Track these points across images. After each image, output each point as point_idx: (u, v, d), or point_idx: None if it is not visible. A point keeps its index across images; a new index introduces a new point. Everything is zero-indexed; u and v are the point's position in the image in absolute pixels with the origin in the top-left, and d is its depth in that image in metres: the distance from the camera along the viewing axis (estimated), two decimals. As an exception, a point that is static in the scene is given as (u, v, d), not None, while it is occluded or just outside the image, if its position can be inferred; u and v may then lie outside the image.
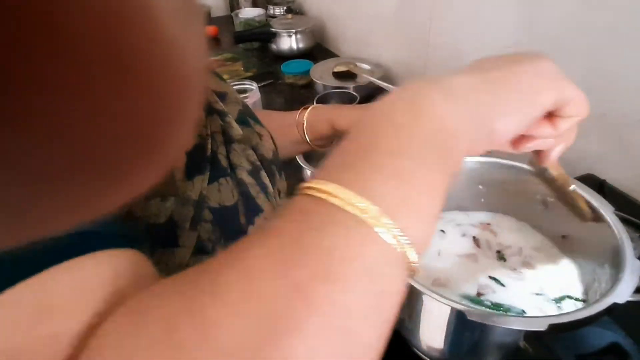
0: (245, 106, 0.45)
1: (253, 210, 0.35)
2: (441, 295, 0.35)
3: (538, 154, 0.33)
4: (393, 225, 0.19)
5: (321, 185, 0.20)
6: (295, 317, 0.16)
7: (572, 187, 0.40)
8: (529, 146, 0.29)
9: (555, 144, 0.31)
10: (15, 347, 0.17)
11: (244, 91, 0.92)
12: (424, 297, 0.37)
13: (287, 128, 0.60)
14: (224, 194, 0.33)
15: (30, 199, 0.09)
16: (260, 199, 0.36)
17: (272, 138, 0.46)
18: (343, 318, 0.17)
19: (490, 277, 0.46)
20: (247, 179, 0.36)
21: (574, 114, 0.28)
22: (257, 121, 0.45)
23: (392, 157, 0.21)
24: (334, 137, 0.60)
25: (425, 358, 0.45)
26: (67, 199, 0.09)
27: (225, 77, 1.18)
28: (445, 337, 0.38)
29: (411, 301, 0.39)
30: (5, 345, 0.17)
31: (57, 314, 0.18)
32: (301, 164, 0.74)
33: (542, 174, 0.39)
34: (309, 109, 0.60)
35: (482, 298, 0.43)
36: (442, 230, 0.53)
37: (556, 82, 0.26)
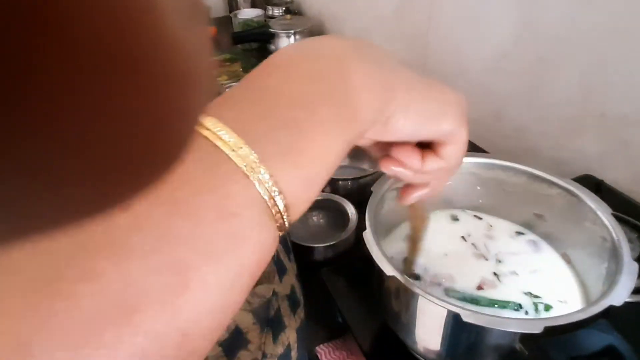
0: None
1: None
2: (437, 297, 0.35)
3: (402, 189, 0.32)
4: (261, 168, 0.17)
5: (207, 122, 0.18)
6: (118, 235, 0.14)
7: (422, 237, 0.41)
8: (394, 169, 0.28)
9: (411, 180, 0.29)
10: None
11: (242, 92, 0.92)
12: (420, 299, 0.36)
13: None
14: None
15: (33, 199, 0.09)
16: None
17: None
18: (177, 247, 0.15)
19: (494, 274, 0.46)
20: None
21: (447, 155, 0.27)
22: None
23: (285, 105, 0.19)
24: None
25: (424, 359, 0.45)
26: (73, 200, 0.09)
27: (224, 77, 1.18)
28: (442, 339, 0.38)
29: (407, 303, 0.39)
30: None
31: None
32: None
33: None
34: None
35: (482, 293, 0.44)
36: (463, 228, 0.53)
37: (463, 119, 0.27)
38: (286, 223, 0.19)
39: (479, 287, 0.44)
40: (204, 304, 0.16)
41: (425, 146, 0.28)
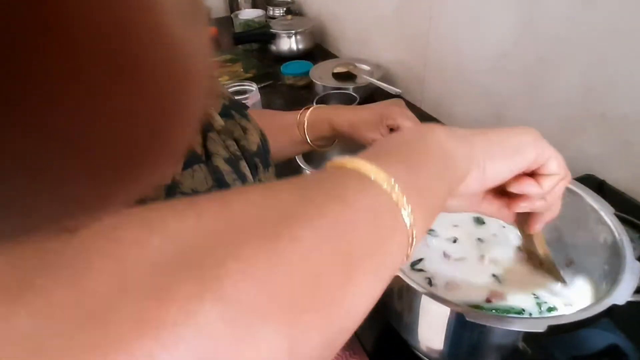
0: (234, 102, 0.46)
1: None
2: (440, 297, 0.35)
3: (527, 220, 0.37)
4: (399, 192, 0.22)
5: (342, 159, 0.23)
6: (306, 213, 0.19)
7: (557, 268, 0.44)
8: (523, 205, 0.33)
9: (542, 208, 0.35)
10: None
11: (244, 92, 0.92)
12: (423, 299, 0.37)
13: (288, 128, 0.60)
14: (197, 180, 0.33)
15: (34, 198, 0.09)
16: (236, 186, 0.36)
17: (261, 135, 0.46)
18: (348, 233, 0.19)
19: (493, 275, 0.46)
20: (224, 166, 0.36)
21: (553, 170, 0.32)
22: (243, 116, 0.45)
23: (402, 155, 0.25)
24: (334, 137, 0.61)
25: (425, 359, 0.45)
26: (73, 199, 0.09)
27: (225, 78, 1.18)
28: (445, 338, 0.38)
29: (410, 303, 0.39)
30: None
31: None
32: (300, 164, 0.74)
33: (529, 250, 0.44)
34: (310, 109, 0.60)
35: (490, 305, 0.43)
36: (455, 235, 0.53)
37: (538, 142, 0.31)
38: (410, 249, 0.23)
39: (488, 300, 0.44)
40: (361, 293, 0.20)
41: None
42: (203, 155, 0.35)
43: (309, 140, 0.60)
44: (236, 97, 0.88)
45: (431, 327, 0.39)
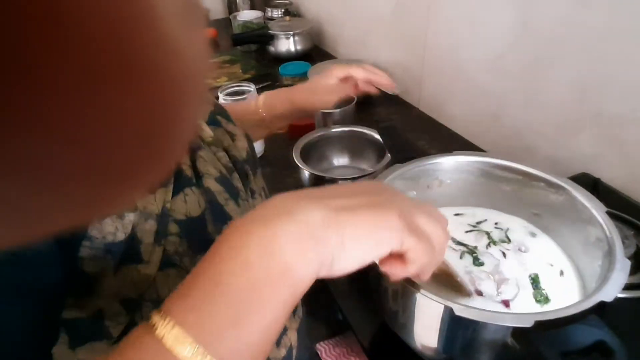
0: (217, 105, 0.45)
1: (221, 218, 0.34)
2: (433, 294, 0.36)
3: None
4: None
5: (163, 326, 0.22)
6: None
7: (459, 278, 0.42)
8: (384, 270, 0.30)
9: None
10: None
11: (242, 93, 0.93)
12: (417, 296, 0.37)
13: (250, 114, 0.63)
14: (190, 205, 0.32)
15: (35, 197, 0.09)
16: (229, 207, 0.35)
17: (247, 137, 0.45)
18: None
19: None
20: (215, 187, 0.35)
21: (415, 260, 0.29)
22: (229, 120, 0.44)
23: (234, 303, 0.24)
24: (293, 115, 0.65)
25: (422, 355, 0.46)
26: (75, 199, 0.10)
27: (223, 79, 1.19)
28: (439, 335, 0.39)
29: (404, 300, 0.40)
30: None
31: None
32: (299, 165, 0.74)
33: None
34: (265, 91, 0.65)
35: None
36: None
37: (397, 234, 0.27)
38: None
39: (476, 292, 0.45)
40: None
41: None
42: (193, 177, 0.34)
43: (265, 118, 0.63)
44: (235, 98, 0.89)
45: (425, 324, 0.40)
